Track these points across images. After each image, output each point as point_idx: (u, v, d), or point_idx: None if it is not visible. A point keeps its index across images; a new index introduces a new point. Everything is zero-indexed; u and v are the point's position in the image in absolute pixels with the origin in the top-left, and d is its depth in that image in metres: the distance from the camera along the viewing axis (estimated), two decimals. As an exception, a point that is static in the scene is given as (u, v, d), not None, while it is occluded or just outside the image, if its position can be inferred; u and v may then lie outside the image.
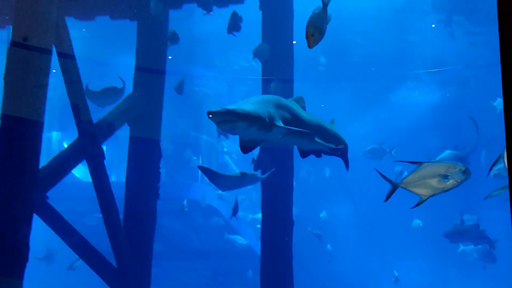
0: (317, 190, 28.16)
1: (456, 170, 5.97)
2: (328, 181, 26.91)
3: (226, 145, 23.89)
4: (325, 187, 27.90)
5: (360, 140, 20.83)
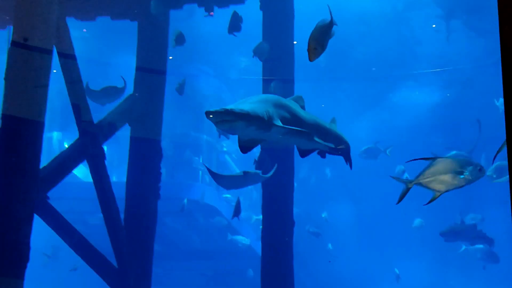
0: (317, 190, 28.16)
1: (471, 167, 5.97)
2: (329, 181, 26.91)
3: (226, 145, 23.87)
4: (326, 187, 27.89)
5: (361, 140, 20.85)
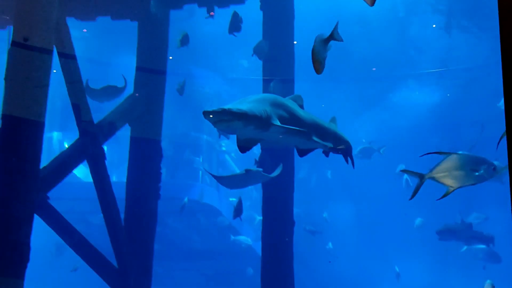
0: (318, 190, 28.15)
1: (486, 165, 5.94)
2: (329, 181, 26.90)
3: (225, 144, 23.84)
4: (326, 187, 27.88)
5: (361, 140, 20.85)
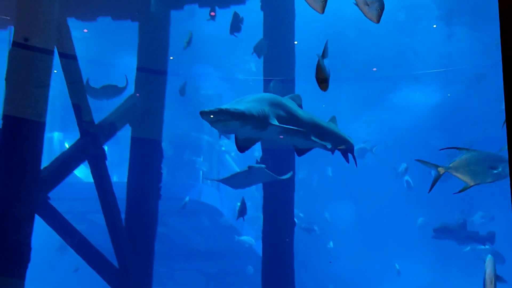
0: (318, 190, 28.14)
1: (505, 164, 5.89)
2: (330, 181, 26.90)
3: (224, 144, 23.83)
4: (327, 187, 27.88)
5: (362, 140, 20.86)
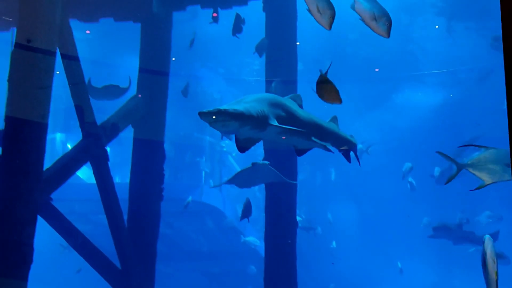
0: (321, 191, 28.15)
1: None
2: (332, 182, 26.89)
3: (225, 145, 23.84)
4: (329, 188, 27.89)
5: (364, 141, 20.83)
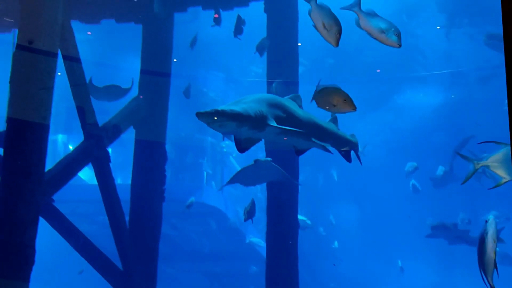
0: (322, 192, 28.13)
1: None
2: (334, 183, 26.88)
3: (226, 145, 23.85)
4: (331, 189, 27.87)
5: (365, 142, 20.82)
